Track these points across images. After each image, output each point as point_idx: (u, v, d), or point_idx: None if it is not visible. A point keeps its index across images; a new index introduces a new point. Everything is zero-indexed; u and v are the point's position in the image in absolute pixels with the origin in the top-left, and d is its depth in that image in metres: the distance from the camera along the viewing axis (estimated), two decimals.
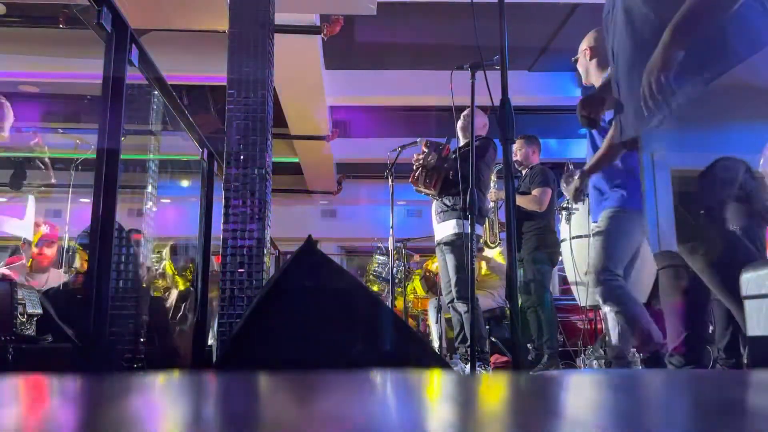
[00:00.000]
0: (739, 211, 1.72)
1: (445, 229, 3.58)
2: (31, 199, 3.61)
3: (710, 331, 3.05)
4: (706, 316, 1.96)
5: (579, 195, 2.71)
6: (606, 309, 2.64)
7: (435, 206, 3.72)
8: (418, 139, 3.84)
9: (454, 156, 3.56)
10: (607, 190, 2.66)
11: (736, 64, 1.56)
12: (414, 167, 3.62)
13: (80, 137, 3.87)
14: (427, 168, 3.54)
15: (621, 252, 2.61)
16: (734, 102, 1.61)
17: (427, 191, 3.65)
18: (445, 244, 3.55)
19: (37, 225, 3.72)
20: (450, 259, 3.51)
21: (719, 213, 1.64)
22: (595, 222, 2.84)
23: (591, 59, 2.75)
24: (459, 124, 3.77)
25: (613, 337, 2.74)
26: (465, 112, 3.79)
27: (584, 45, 2.80)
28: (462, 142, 3.77)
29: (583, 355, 3.47)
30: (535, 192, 3.86)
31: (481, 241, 3.95)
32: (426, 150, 3.59)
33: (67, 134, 3.82)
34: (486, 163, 3.59)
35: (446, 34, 5.55)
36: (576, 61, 2.86)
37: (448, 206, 3.58)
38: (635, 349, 2.59)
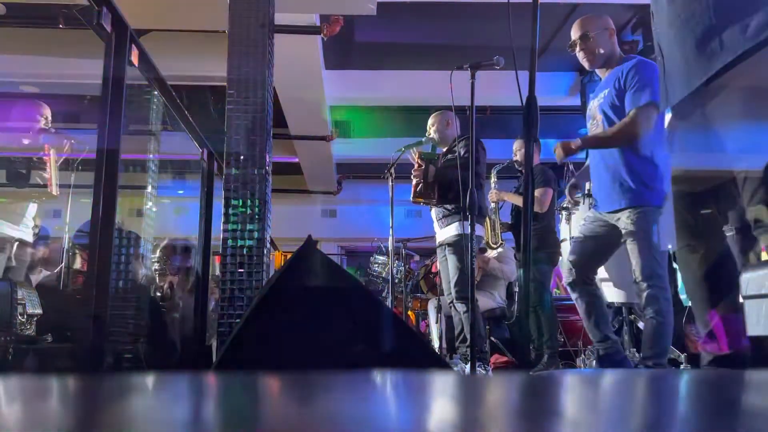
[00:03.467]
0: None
1: (447, 231, 3.59)
2: (32, 206, 3.60)
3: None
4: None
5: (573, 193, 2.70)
6: (646, 313, 2.54)
7: (436, 211, 3.73)
8: (423, 139, 3.84)
9: (447, 161, 3.60)
10: (630, 184, 2.54)
11: None
12: (414, 182, 3.63)
13: (74, 137, 3.85)
14: (428, 181, 3.56)
15: (663, 252, 2.52)
16: (738, 103, 1.60)
17: (428, 202, 3.68)
18: (448, 245, 3.56)
19: None
20: (451, 260, 3.52)
21: None
22: (602, 211, 2.69)
23: (581, 49, 2.72)
24: (433, 128, 3.77)
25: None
26: (432, 120, 3.81)
27: (575, 35, 2.75)
28: (442, 147, 3.79)
29: (583, 355, 3.47)
30: (536, 192, 3.86)
31: (483, 242, 3.95)
32: (421, 164, 3.60)
33: (61, 133, 3.79)
34: (482, 163, 3.61)
35: (446, 34, 5.55)
36: (572, 46, 2.80)
37: (449, 210, 3.59)
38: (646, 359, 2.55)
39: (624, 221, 2.56)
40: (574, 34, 2.73)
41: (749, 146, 1.61)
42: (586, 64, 2.75)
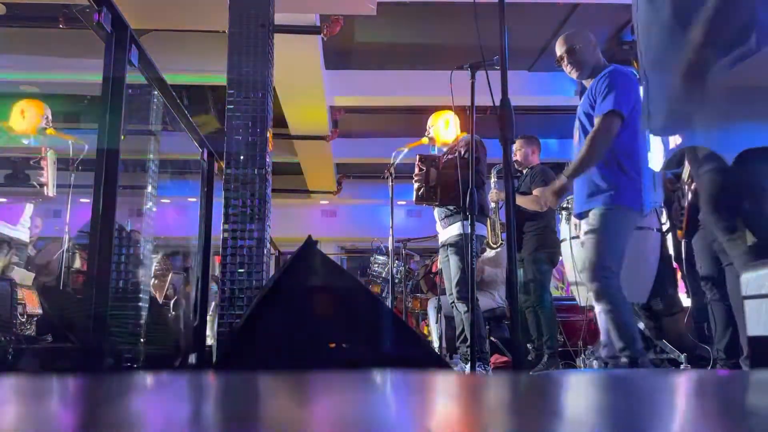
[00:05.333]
0: None
1: (450, 231, 3.60)
2: (29, 206, 3.61)
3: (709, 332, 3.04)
4: None
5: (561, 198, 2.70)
6: (598, 307, 2.61)
7: (438, 212, 3.73)
8: (423, 138, 3.84)
9: (448, 161, 3.59)
10: (597, 187, 2.61)
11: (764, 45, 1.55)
12: (415, 186, 3.62)
13: (75, 137, 3.84)
14: (430, 185, 3.56)
15: (617, 249, 2.58)
16: (741, 101, 1.61)
17: (431, 204, 3.68)
18: (450, 245, 3.56)
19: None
20: (453, 260, 3.52)
21: None
22: (578, 216, 2.78)
23: (568, 62, 2.80)
24: (432, 128, 3.77)
25: (603, 335, 2.72)
26: (432, 121, 3.80)
27: (561, 50, 2.82)
28: (442, 147, 3.79)
29: (583, 355, 3.47)
30: (536, 192, 3.86)
31: (485, 242, 3.95)
32: (423, 167, 3.59)
33: (61, 133, 3.79)
34: (483, 162, 3.61)
35: (446, 34, 5.55)
36: (559, 60, 2.87)
37: (452, 210, 3.59)
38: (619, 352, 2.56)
39: (589, 220, 2.63)
40: (560, 49, 2.83)
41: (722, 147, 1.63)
42: (574, 75, 2.84)
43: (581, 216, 2.74)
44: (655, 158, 2.29)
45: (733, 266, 1.87)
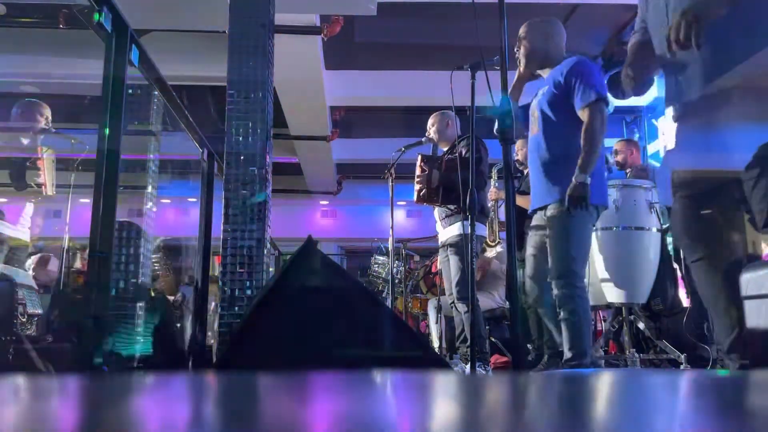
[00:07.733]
0: None
1: (450, 231, 3.59)
2: (29, 205, 3.60)
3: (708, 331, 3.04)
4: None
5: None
6: (561, 314, 2.47)
7: (439, 212, 3.72)
8: (423, 139, 3.83)
9: (450, 162, 3.58)
10: (560, 180, 2.50)
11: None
12: (417, 187, 3.61)
13: (75, 137, 3.83)
14: (432, 186, 3.54)
15: (585, 251, 2.50)
16: (740, 103, 1.61)
17: (431, 204, 3.67)
18: (450, 245, 3.56)
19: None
20: (453, 260, 3.52)
21: None
22: (538, 209, 2.66)
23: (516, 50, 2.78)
24: (433, 129, 3.76)
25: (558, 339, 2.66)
26: (432, 120, 3.80)
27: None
28: (443, 147, 3.78)
29: None
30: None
31: (484, 242, 3.95)
32: (425, 168, 3.57)
33: (60, 133, 3.78)
34: (484, 163, 3.61)
35: (446, 34, 5.55)
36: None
37: (452, 210, 3.59)
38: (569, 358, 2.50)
39: (548, 215, 2.54)
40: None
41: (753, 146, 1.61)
42: (520, 67, 2.80)
43: (542, 210, 2.63)
44: (674, 157, 2.22)
45: (697, 263, 1.80)
